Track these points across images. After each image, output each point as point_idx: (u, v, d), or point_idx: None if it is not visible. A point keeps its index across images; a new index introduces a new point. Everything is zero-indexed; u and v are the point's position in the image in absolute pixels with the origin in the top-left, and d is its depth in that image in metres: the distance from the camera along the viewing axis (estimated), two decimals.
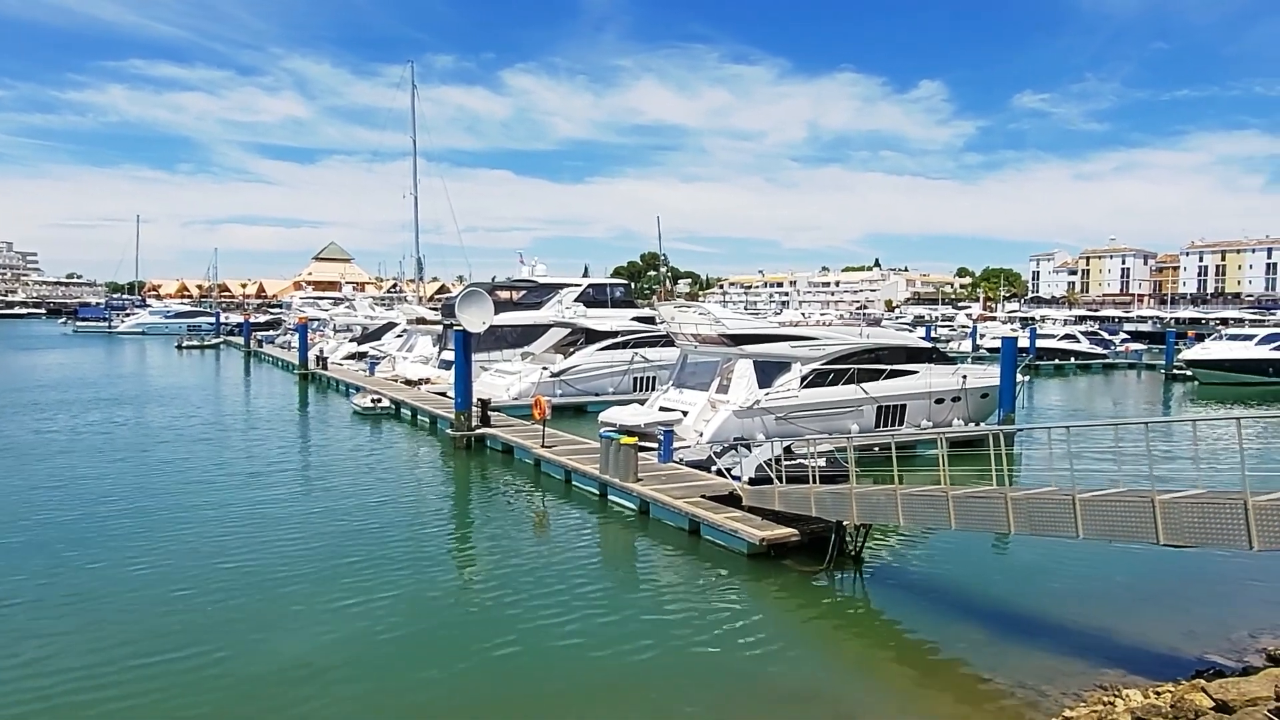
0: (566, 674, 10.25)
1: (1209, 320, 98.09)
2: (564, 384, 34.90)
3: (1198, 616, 12.18)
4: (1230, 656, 10.63)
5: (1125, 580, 13.74)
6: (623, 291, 43.60)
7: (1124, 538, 10.02)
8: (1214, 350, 51.47)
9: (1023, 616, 12.34)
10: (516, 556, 15.06)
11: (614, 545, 16.69)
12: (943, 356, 29.31)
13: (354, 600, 12.48)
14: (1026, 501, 10.93)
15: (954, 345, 68.19)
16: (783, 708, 9.47)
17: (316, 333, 62.98)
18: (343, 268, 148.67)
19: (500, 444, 24.73)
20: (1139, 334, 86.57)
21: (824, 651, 11.48)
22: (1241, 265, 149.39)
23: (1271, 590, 13.18)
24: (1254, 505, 8.77)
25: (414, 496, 20.07)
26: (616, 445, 18.31)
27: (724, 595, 13.29)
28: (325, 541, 15.60)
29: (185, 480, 20.76)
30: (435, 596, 12.88)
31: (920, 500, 12.38)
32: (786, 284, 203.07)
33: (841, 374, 25.02)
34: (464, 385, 26.00)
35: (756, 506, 15.74)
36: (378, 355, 47.61)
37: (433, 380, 37.68)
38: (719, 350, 24.88)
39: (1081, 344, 66.76)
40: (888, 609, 12.75)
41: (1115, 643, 11.21)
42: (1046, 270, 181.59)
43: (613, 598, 13.03)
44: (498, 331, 36.31)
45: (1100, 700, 9.18)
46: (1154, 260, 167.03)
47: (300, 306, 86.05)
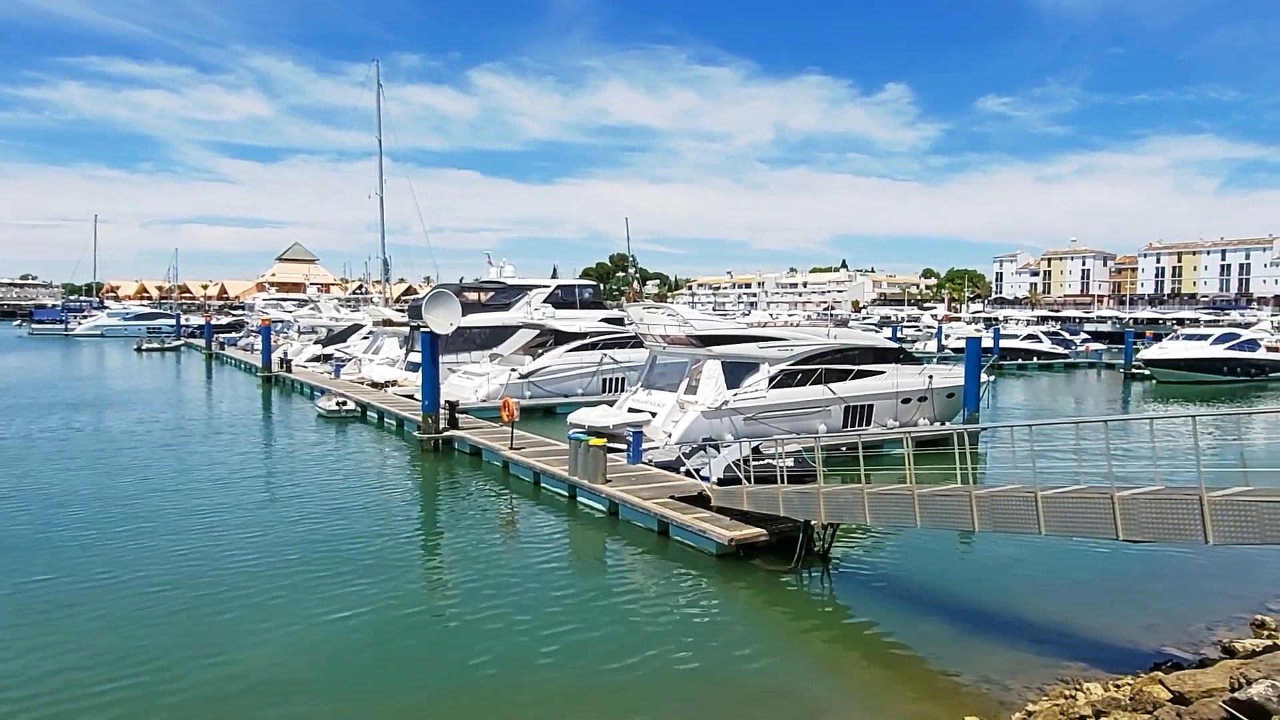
0: (535, 677, 10.19)
1: (1166, 320, 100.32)
2: (533, 385, 34.76)
3: (1156, 610, 12.43)
4: (1187, 649, 10.86)
5: (1086, 575, 13.99)
6: (591, 293, 43.53)
7: (1085, 534, 10.21)
8: (1171, 350, 52.66)
9: (987, 612, 12.51)
10: (485, 560, 14.96)
11: (583, 547, 16.65)
12: (909, 357, 29.63)
13: (319, 608, 12.30)
14: (990, 499, 11.08)
15: (920, 345, 68.98)
16: (751, 707, 9.50)
17: (280, 335, 62.08)
18: (307, 269, 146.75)
19: (468, 446, 24.56)
20: (1099, 334, 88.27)
21: (792, 650, 11.54)
22: (1197, 267, 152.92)
23: (1226, 584, 13.49)
24: (1209, 501, 8.96)
25: (381, 500, 19.85)
26: (585, 447, 18.27)
27: (693, 595, 13.31)
28: (290, 548, 15.37)
29: (145, 487, 20.34)
30: (402, 602, 12.73)
31: (886, 499, 12.50)
32: (754, 285, 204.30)
33: (809, 374, 25.19)
34: (431, 387, 25.78)
35: (725, 507, 15.79)
36: (343, 357, 47.02)
37: (399, 382, 37.32)
38: (687, 351, 24.93)
39: (1044, 344, 67.99)
40: (855, 607, 12.86)
41: (1077, 637, 11.41)
42: (1010, 271, 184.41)
43: (582, 599, 12.98)
44: (466, 333, 36.03)
45: (1062, 694, 9.32)
46: (1113, 262, 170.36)
47: (263, 308, 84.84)
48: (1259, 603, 12.59)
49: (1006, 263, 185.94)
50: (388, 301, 66.78)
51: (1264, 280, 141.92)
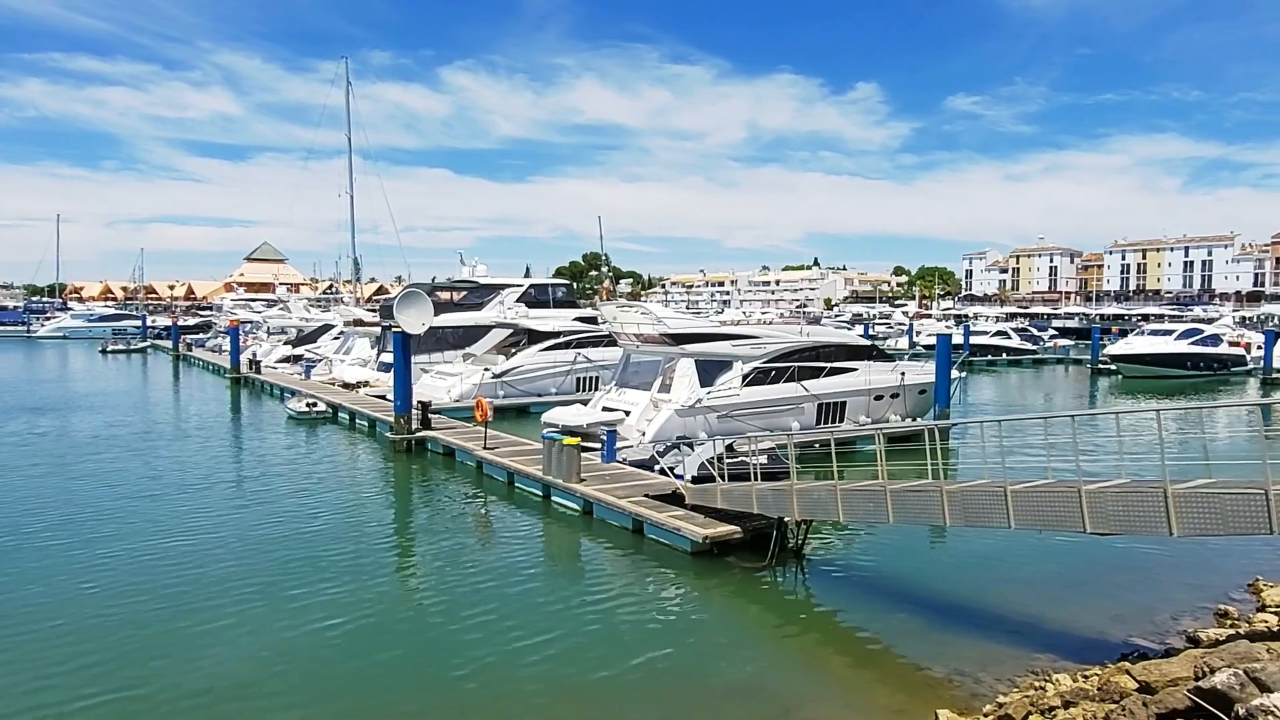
0: (510, 677, 10.14)
1: (1131, 316, 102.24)
2: (506, 385, 34.61)
3: (1123, 601, 12.64)
4: (1153, 639, 11.05)
5: (1055, 568, 14.18)
6: (565, 292, 43.44)
7: (1053, 527, 10.34)
8: (1136, 345, 53.59)
9: (959, 606, 12.64)
10: (459, 560, 14.87)
11: (557, 546, 16.60)
12: (882, 354, 29.88)
13: (291, 613, 12.16)
14: (961, 494, 11.19)
15: (891, 342, 69.61)
16: (727, 703, 9.53)
17: (249, 335, 61.32)
18: (276, 268, 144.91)
19: (441, 447, 24.40)
20: (1066, 330, 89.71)
21: (767, 646, 11.59)
22: (1161, 264, 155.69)
23: (1191, 574, 13.74)
24: (1173, 493, 9.12)
25: (353, 502, 19.66)
26: (559, 446, 18.22)
27: (668, 593, 13.33)
28: (261, 551, 15.18)
29: (112, 493, 19.97)
30: (376, 605, 12.61)
31: (859, 495, 12.59)
32: (727, 283, 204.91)
33: (782, 372, 25.32)
34: (403, 388, 25.58)
35: (699, 505, 15.82)
36: (313, 358, 46.50)
37: (371, 383, 37.00)
38: (661, 350, 24.95)
39: (1013, 340, 68.99)
40: (829, 602, 12.94)
41: (1046, 629, 11.57)
42: (979, 269, 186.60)
43: (556, 599, 12.95)
44: (438, 333, 35.81)
45: (1032, 685, 9.45)
46: (1080, 259, 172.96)
47: (232, 308, 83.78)
48: (1222, 592, 12.85)
49: (976, 260, 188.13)
50: (359, 301, 66.16)
51: (1225, 276, 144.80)
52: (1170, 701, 6.95)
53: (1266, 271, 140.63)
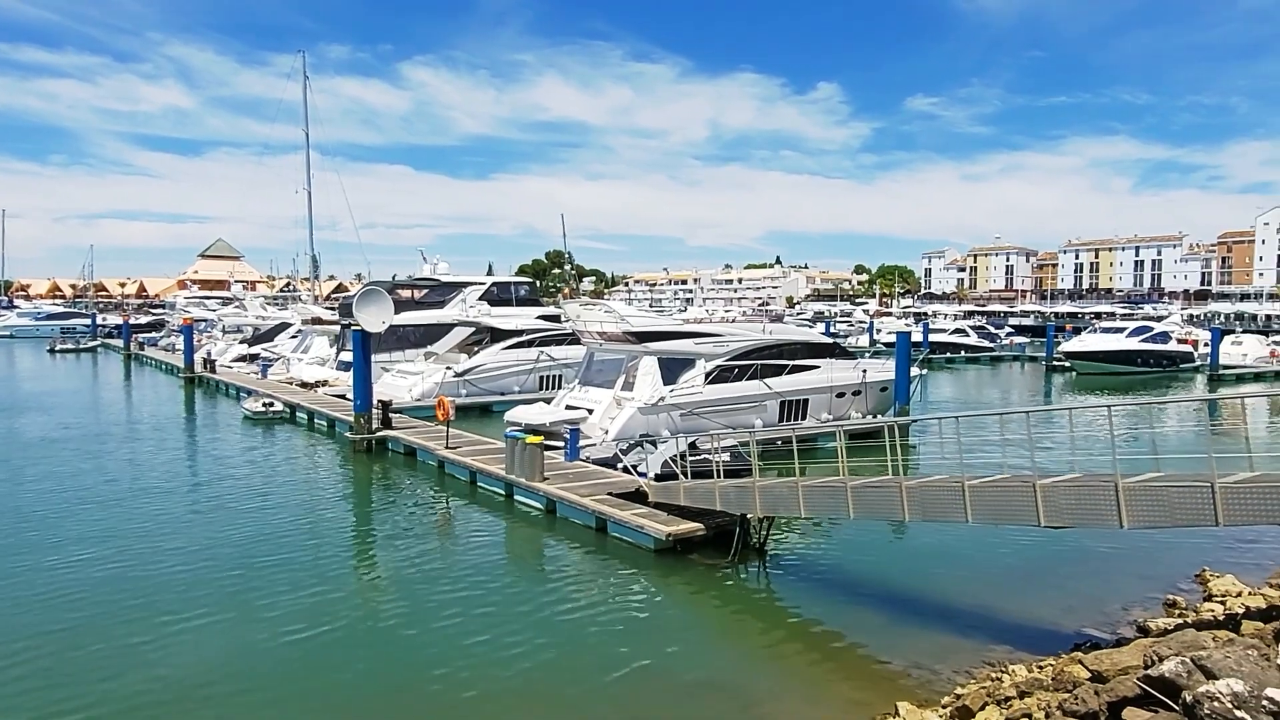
0: (474, 677, 10.07)
1: (1084, 315, 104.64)
2: (468, 384, 34.36)
3: (1076, 593, 12.92)
4: (1105, 629, 11.32)
5: (1012, 561, 14.46)
6: (527, 290, 43.27)
7: (1009, 521, 10.54)
8: (1089, 343, 54.82)
9: (918, 600, 12.82)
10: (421, 560, 14.72)
11: (520, 545, 16.52)
12: (843, 351, 30.17)
13: (250, 616, 11.95)
14: (920, 490, 11.35)
15: (852, 340, 70.40)
16: (689, 700, 9.56)
17: (203, 334, 60.07)
18: (232, 265, 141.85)
19: (402, 446, 24.14)
20: (1022, 328, 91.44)
21: (730, 643, 11.66)
22: (1113, 263, 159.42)
23: (1141, 566, 14.09)
24: (1123, 487, 9.34)
25: (312, 503, 19.36)
26: (522, 445, 18.14)
27: (631, 591, 13.34)
28: (218, 555, 14.87)
29: (62, 496, 19.44)
30: (336, 606, 12.44)
31: (820, 491, 12.70)
32: (690, 281, 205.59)
33: (745, 370, 25.47)
34: (363, 386, 25.27)
35: (662, 502, 15.85)
36: (270, 357, 45.70)
37: (330, 382, 36.48)
38: (624, 348, 24.93)
39: (970, 338, 70.20)
40: (791, 598, 13.04)
41: (1003, 621, 11.79)
42: (938, 267, 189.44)
43: (520, 598, 12.89)
44: (399, 331, 35.45)
45: (989, 676, 9.62)
46: (1035, 258, 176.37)
47: (185, 306, 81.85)
48: (1170, 583, 13.19)
49: (935, 259, 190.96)
50: (317, 299, 65.13)
51: (1174, 275, 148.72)
52: (1121, 690, 7.11)
53: (1213, 271, 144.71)
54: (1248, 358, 55.55)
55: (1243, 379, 51.95)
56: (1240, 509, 8.66)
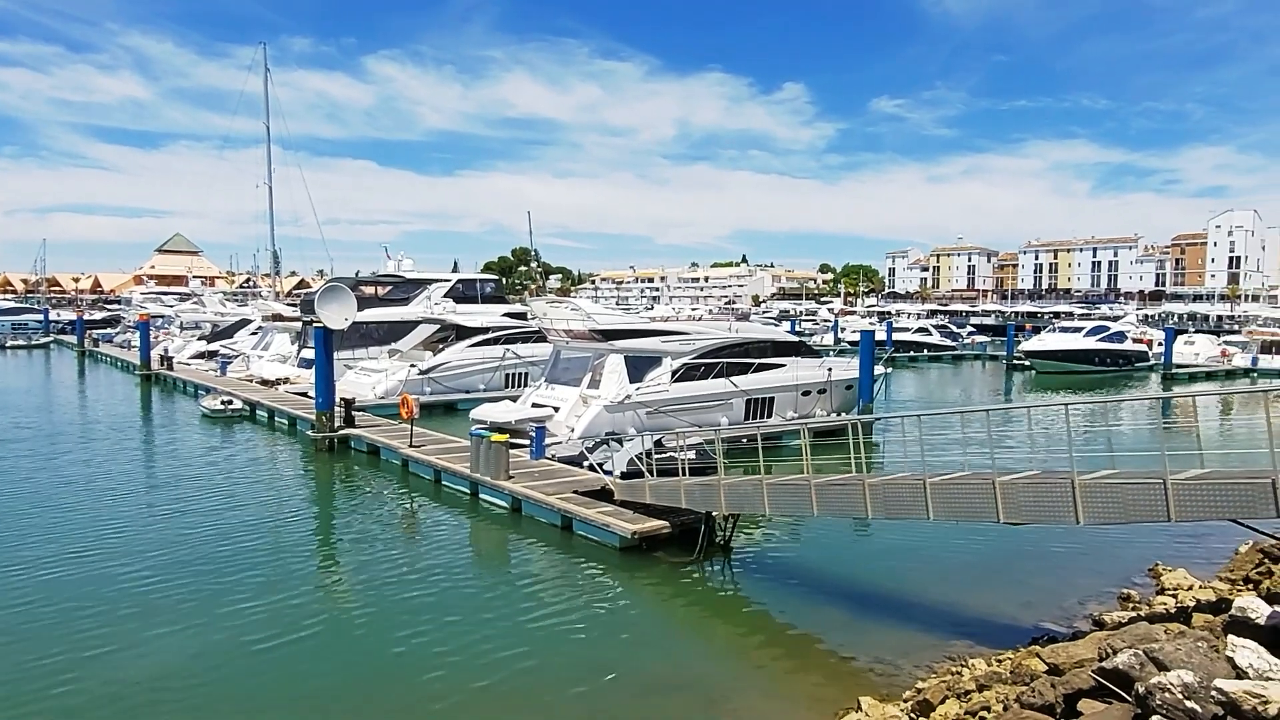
0: (439, 677, 9.99)
1: (1044, 314, 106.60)
2: (433, 382, 34.07)
3: (1035, 588, 13.15)
4: (1062, 623, 11.53)
5: (972, 557, 14.67)
6: (493, 287, 43.00)
7: (969, 518, 10.69)
8: (1048, 342, 55.88)
9: (881, 596, 12.97)
10: (384, 560, 14.56)
11: (486, 544, 16.43)
12: (809, 350, 30.42)
13: (209, 619, 11.73)
14: (882, 487, 11.47)
15: (817, 339, 71.01)
16: (655, 697, 9.57)
17: (160, 331, 58.89)
18: (190, 261, 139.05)
19: (366, 445, 23.86)
20: (983, 327, 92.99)
21: (695, 640, 11.69)
22: (1071, 264, 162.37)
23: (1096, 561, 14.38)
24: (1080, 484, 9.52)
25: (273, 502, 19.06)
26: (487, 443, 18.02)
27: (597, 589, 13.31)
28: (175, 557, 14.57)
29: (14, 498, 18.94)
30: (298, 607, 12.26)
31: (784, 489, 12.78)
32: (657, 279, 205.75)
33: (711, 368, 25.56)
34: (325, 384, 24.93)
35: (628, 500, 15.85)
36: (230, 354, 44.96)
37: (292, 380, 35.97)
38: (591, 346, 24.89)
39: (933, 337, 71.21)
40: (756, 595, 13.11)
41: (963, 616, 11.96)
42: (901, 267, 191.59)
43: (485, 597, 12.81)
44: (363, 328, 35.09)
45: (949, 671, 9.75)
46: (996, 258, 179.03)
47: (141, 302, 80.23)
48: (1125, 578, 13.49)
49: (899, 258, 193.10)
50: (278, 295, 64.20)
51: (1130, 276, 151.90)
52: (1076, 682, 7.25)
53: (1167, 272, 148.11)
54: (1200, 357, 57.02)
55: (1195, 378, 53.29)
56: (1191, 505, 8.87)
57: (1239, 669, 6.35)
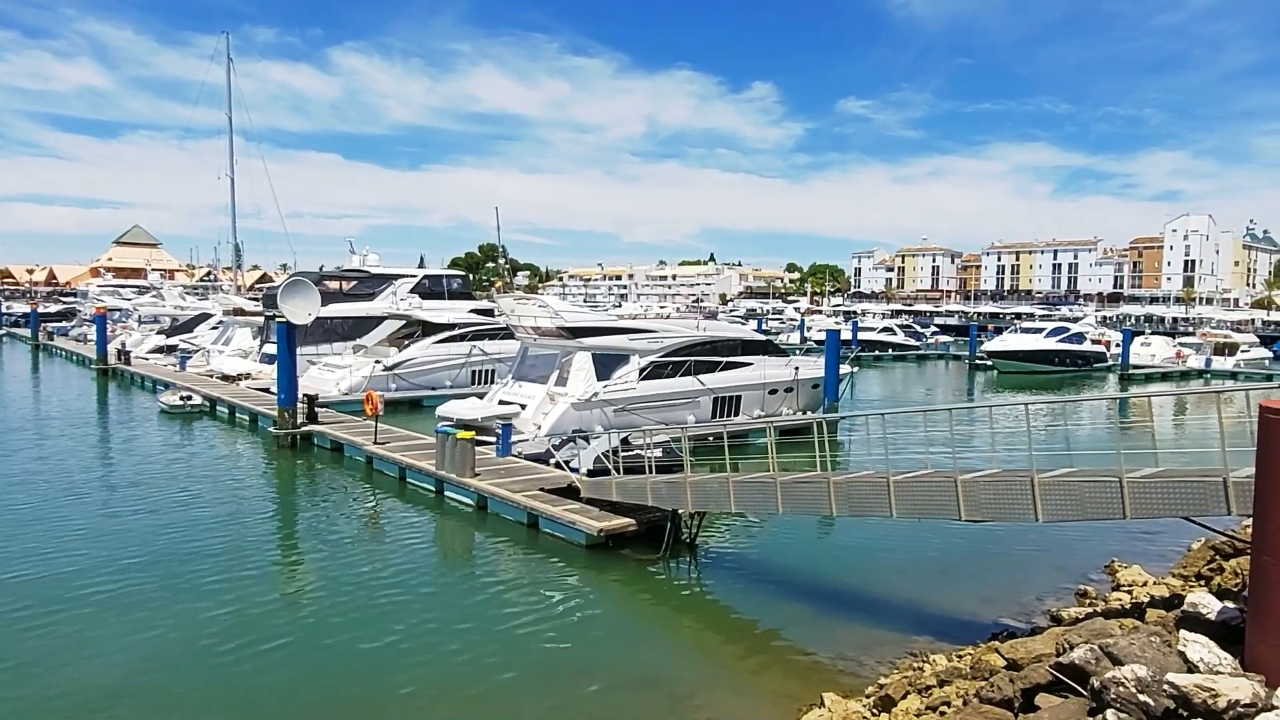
0: (404, 677, 9.89)
1: (1006, 315, 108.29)
2: (398, 378, 33.74)
3: (995, 584, 13.37)
4: (1021, 619, 11.73)
5: (934, 555, 14.87)
6: (460, 283, 42.66)
7: (931, 515, 10.82)
8: (1010, 342, 56.82)
9: (845, 593, 13.09)
10: (347, 559, 14.39)
11: (451, 542, 16.31)
12: (776, 349, 30.59)
13: (168, 620, 11.52)
14: (847, 485, 11.57)
15: (784, 338, 71.49)
16: (621, 695, 9.57)
17: (118, 324, 57.60)
18: (149, 253, 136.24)
19: (329, 441, 23.56)
20: (947, 327, 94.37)
21: (661, 637, 11.71)
22: (1032, 265, 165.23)
23: (1055, 557, 14.65)
24: (1039, 482, 9.69)
25: (233, 500, 18.73)
26: (453, 440, 17.89)
27: (563, 587, 13.28)
28: (133, 556, 14.27)
29: None
30: (259, 607, 12.07)
31: (750, 487, 12.85)
32: (625, 277, 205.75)
33: (679, 366, 25.61)
34: (288, 380, 24.57)
35: (595, 498, 15.82)
36: (190, 349, 44.13)
37: (253, 375, 35.41)
38: (558, 343, 24.81)
39: (898, 336, 72.09)
40: (721, 593, 13.17)
41: (925, 613, 12.11)
42: (867, 267, 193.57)
43: (450, 595, 12.73)
44: (327, 324, 34.65)
45: (911, 666, 9.88)
46: (960, 259, 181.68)
47: (99, 295, 78.37)
48: (1082, 574, 13.76)
49: (864, 258, 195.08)
50: (240, 290, 62.92)
51: (1089, 278, 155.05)
52: (1034, 677, 7.37)
53: (1125, 274, 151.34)
54: (1156, 358, 58.39)
55: (1151, 378, 54.54)
56: (1146, 503, 9.06)
57: (1190, 663, 6.49)
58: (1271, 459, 6.56)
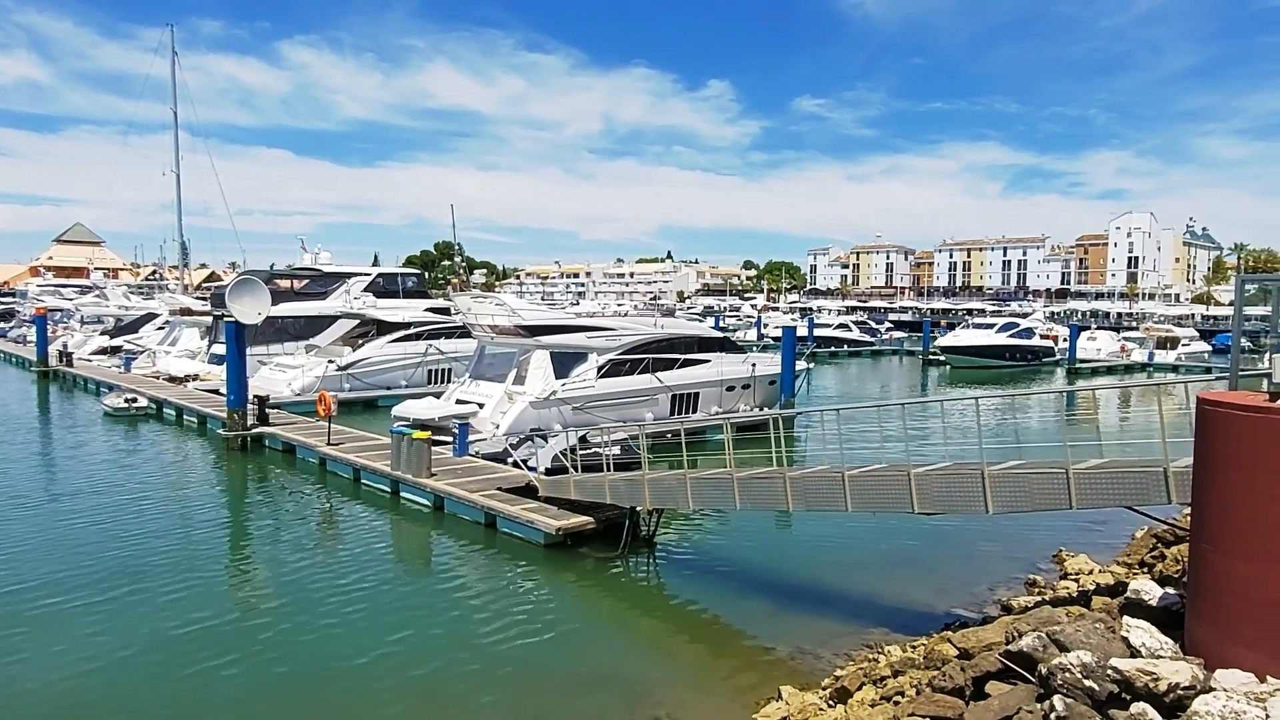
0: (359, 680, 9.75)
1: (958, 311, 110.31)
2: (352, 378, 33.26)
3: (948, 576, 13.60)
4: (973, 609, 11.96)
5: (889, 548, 15.08)
6: (415, 281, 42.19)
7: (885, 509, 10.97)
8: (963, 337, 57.92)
9: (802, 587, 13.22)
10: (300, 562, 14.14)
11: (407, 543, 16.12)
12: (734, 346, 30.78)
13: (114, 627, 11.20)
14: (802, 480, 11.68)
15: (741, 335, 71.97)
16: (580, 694, 9.55)
17: (59, 325, 55.91)
18: (92, 251, 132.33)
19: (281, 443, 23.13)
20: (901, 323, 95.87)
21: (620, 635, 11.71)
22: (983, 262, 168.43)
23: (1005, 548, 14.95)
24: (989, 474, 9.88)
25: (182, 504, 18.29)
26: (409, 440, 17.68)
27: (521, 587, 13.21)
28: (77, 563, 13.84)
29: None
30: (211, 613, 11.78)
31: (708, 483, 12.90)
32: (583, 275, 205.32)
33: (637, 364, 25.63)
34: (238, 381, 24.06)
35: (553, 496, 15.77)
36: (135, 350, 42.97)
37: (202, 376, 34.64)
38: (516, 341, 24.68)
39: (853, 332, 73.11)
40: (680, 589, 13.21)
41: (880, 605, 12.29)
42: (823, 264, 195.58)
43: (407, 597, 12.57)
44: (278, 323, 34.03)
45: (866, 658, 10.01)
46: (913, 256, 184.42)
47: (39, 295, 75.98)
48: (1031, 564, 14.07)
49: (820, 255, 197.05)
50: (187, 289, 61.49)
51: (1038, 275, 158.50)
52: (985, 665, 7.52)
53: (1072, 271, 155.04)
54: (1101, 352, 60.03)
55: (1097, 372, 56.00)
56: (1091, 493, 9.30)
57: (1133, 648, 6.68)
58: (1209, 449, 6.77)
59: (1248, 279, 10.19)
